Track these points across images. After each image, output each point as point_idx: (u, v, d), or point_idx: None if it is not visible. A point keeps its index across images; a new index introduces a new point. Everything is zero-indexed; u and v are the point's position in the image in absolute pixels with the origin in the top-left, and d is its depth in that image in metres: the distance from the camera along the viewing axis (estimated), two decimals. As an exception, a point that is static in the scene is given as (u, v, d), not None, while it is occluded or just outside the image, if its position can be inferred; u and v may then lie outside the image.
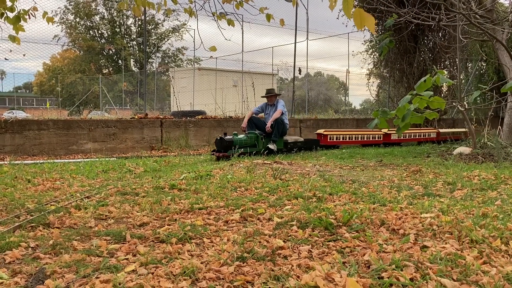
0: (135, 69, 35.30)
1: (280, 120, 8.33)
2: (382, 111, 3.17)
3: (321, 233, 2.76)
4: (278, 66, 23.63)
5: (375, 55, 15.41)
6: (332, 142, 9.97)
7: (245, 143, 7.72)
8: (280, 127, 8.32)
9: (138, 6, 3.68)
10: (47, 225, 2.97)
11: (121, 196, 4.00)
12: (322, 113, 17.72)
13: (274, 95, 8.76)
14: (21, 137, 7.85)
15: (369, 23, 1.78)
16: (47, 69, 38.27)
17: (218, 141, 7.45)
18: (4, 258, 2.30)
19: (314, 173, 5.47)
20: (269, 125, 8.23)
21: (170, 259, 2.30)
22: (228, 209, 3.46)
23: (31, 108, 32.88)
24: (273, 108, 8.68)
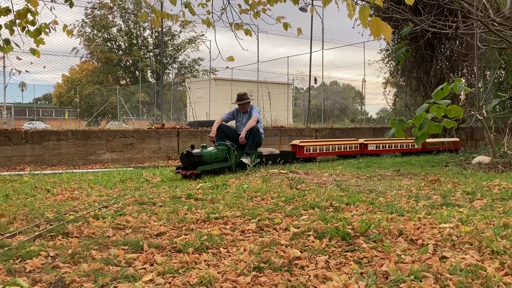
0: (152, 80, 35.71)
1: (256, 130, 7.31)
2: (399, 120, 3.14)
3: (338, 243, 2.73)
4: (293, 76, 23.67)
5: (391, 64, 15.33)
6: (309, 154, 9.08)
7: (216, 158, 6.58)
8: (255, 138, 7.28)
9: (157, 18, 3.74)
10: (66, 234, 3.00)
11: (139, 206, 4.04)
12: (338, 122, 17.66)
13: (248, 101, 7.65)
14: (40, 147, 7.99)
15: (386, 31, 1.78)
16: (66, 80, 38.99)
17: (185, 156, 6.12)
18: (24, 266, 2.33)
19: (330, 183, 5.44)
20: (243, 135, 7.14)
21: (187, 268, 2.30)
22: (245, 219, 3.46)
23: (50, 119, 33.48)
24: (246, 115, 7.60)
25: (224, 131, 7.37)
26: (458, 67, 13.54)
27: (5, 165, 7.57)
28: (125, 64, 37.73)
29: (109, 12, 33.96)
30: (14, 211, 3.66)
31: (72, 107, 34.73)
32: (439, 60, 13.44)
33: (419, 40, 11.58)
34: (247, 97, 7.63)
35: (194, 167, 6.05)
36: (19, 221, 3.37)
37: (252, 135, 7.21)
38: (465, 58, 12.57)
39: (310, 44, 13.57)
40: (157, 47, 35.49)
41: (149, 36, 37.88)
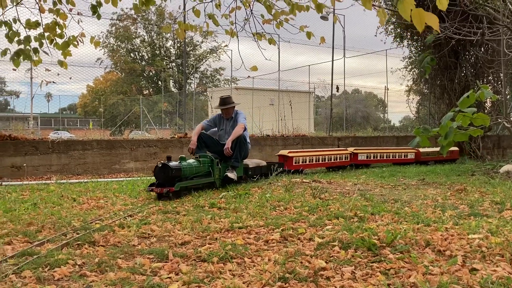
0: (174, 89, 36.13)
1: (243, 139, 6.30)
2: (424, 129, 3.10)
3: (364, 254, 2.70)
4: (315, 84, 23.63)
5: (415, 72, 15.15)
6: (298, 166, 8.24)
7: (197, 172, 5.57)
8: (242, 148, 6.27)
9: (181, 29, 3.80)
10: (93, 243, 3.05)
11: (163, 215, 4.07)
12: (360, 131, 17.51)
13: (232, 106, 6.60)
14: (66, 157, 8.15)
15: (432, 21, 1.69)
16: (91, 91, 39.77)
17: (160, 169, 5.07)
18: (53, 275, 2.37)
19: (354, 192, 5.38)
20: (229, 145, 6.09)
21: (212, 278, 2.31)
22: (268, 229, 3.45)
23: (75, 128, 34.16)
24: (230, 122, 6.57)
25: (204, 141, 6.33)
26: (483, 74, 13.29)
27: (32, 174, 7.74)
28: (148, 74, 38.29)
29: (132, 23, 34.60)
30: (42, 220, 3.74)
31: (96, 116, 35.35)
32: (464, 67, 13.21)
33: (443, 48, 11.42)
34: (231, 101, 6.62)
35: (171, 183, 5.02)
36: (47, 230, 3.43)
37: (239, 145, 6.20)
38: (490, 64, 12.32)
39: (332, 52, 13.55)
40: (179, 58, 35.93)
41: (171, 46, 38.42)
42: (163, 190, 4.96)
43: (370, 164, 9.68)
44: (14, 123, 11.44)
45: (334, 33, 13.24)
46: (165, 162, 5.11)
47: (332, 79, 13.84)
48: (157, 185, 5.09)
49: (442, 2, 1.74)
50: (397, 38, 13.67)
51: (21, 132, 8.91)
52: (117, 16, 33.35)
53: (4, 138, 7.70)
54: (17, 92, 36.30)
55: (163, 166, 5.07)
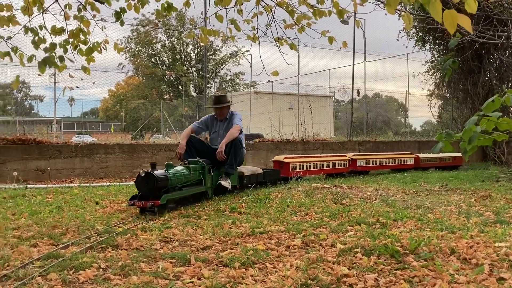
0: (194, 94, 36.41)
1: (239, 142, 5.64)
2: (446, 134, 3.05)
3: (387, 261, 2.67)
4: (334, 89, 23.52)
5: (437, 76, 14.95)
6: (295, 173, 7.60)
7: (186, 181, 4.87)
8: (238, 153, 5.62)
9: (204, 35, 3.84)
10: (116, 246, 3.08)
11: (184, 219, 4.09)
12: (381, 135, 17.34)
13: (227, 105, 5.94)
14: (89, 160, 8.28)
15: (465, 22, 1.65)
16: (112, 95, 40.37)
17: (142, 179, 4.34)
18: (78, 277, 2.41)
19: (376, 198, 5.33)
20: (223, 148, 5.40)
21: (234, 283, 2.31)
22: (289, 234, 3.44)
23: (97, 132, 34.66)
24: (224, 124, 5.91)
25: (194, 145, 5.68)
26: (508, 78, 13.02)
27: (56, 177, 7.89)
28: (168, 79, 38.69)
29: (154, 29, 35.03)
30: (66, 223, 3.80)
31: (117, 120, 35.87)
32: (488, 71, 12.97)
33: (466, 51, 11.24)
34: (226, 100, 5.95)
35: (156, 196, 4.29)
36: (71, 233, 3.49)
37: (234, 149, 5.53)
38: (515, 68, 12.08)
39: (353, 56, 13.46)
40: (199, 62, 36.21)
41: (191, 51, 38.76)
42: (146, 203, 4.22)
43: (368, 171, 9.22)
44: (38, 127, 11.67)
45: (355, 37, 13.14)
46: (148, 170, 4.34)
47: (353, 83, 13.75)
48: (140, 197, 4.34)
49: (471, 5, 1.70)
50: (419, 42, 13.53)
51: (46, 136, 9.08)
52: (138, 22, 33.81)
53: (29, 142, 7.87)
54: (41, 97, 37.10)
55: (146, 176, 4.30)
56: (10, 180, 7.08)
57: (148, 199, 4.27)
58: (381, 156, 9.60)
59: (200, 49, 36.70)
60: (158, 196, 4.30)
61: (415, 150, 12.09)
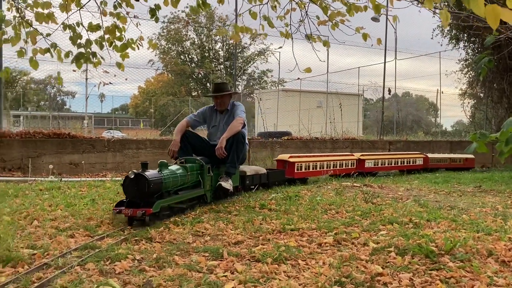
0: (222, 91, 36.60)
1: (242, 137, 4.93)
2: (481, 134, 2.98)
3: (422, 261, 2.63)
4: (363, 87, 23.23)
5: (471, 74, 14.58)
6: (301, 174, 6.96)
7: (182, 183, 4.18)
8: (240, 149, 4.93)
9: (237, 32, 3.85)
10: (149, 239, 3.14)
11: (215, 214, 4.13)
12: (411, 135, 17.05)
13: (228, 93, 5.24)
14: (121, 155, 8.44)
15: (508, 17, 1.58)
16: (142, 92, 40.98)
17: (131, 182, 3.66)
18: (114, 268, 2.46)
19: (407, 198, 5.25)
20: (223, 144, 4.73)
21: (267, 279, 2.32)
22: (321, 232, 3.42)
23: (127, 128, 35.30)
24: (225, 116, 5.21)
25: (189, 141, 5.04)
26: (547, 77, 12.60)
27: (89, 171, 8.07)
28: (197, 76, 39.02)
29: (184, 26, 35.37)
30: (101, 215, 3.89)
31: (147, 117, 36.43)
32: (525, 70, 12.57)
33: (503, 49, 10.90)
34: (227, 88, 5.28)
35: (148, 202, 3.60)
36: (105, 225, 3.57)
37: (236, 145, 4.83)
38: (555, 67, 11.67)
39: (384, 54, 13.27)
40: (227, 60, 36.38)
41: (220, 49, 38.96)
42: (136, 212, 3.48)
43: (376, 172, 8.65)
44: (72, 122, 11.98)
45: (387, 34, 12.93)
46: (139, 171, 3.68)
47: (384, 81, 13.55)
48: (128, 204, 3.64)
49: (513, 0, 1.64)
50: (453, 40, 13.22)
51: (79, 130, 9.30)
52: (168, 19, 34.20)
53: (63, 136, 8.08)
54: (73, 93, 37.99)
55: (136, 178, 3.62)
56: (45, 173, 7.29)
57: (138, 206, 3.56)
58: (390, 156, 9.14)
59: (228, 47, 36.86)
60: (150, 203, 3.58)
61: (447, 151, 11.83)
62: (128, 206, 3.61)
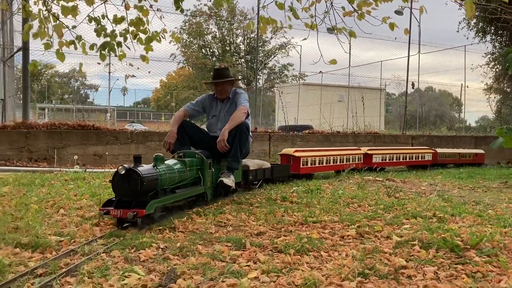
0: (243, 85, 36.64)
1: (245, 128, 4.54)
2: (508, 129, 2.92)
3: (447, 255, 2.59)
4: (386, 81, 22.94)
5: (497, 68, 14.24)
6: (307, 169, 6.61)
7: (180, 179, 3.71)
8: (244, 142, 4.54)
9: (264, 24, 3.85)
10: (173, 228, 3.17)
11: (236, 205, 4.15)
12: (434, 130, 16.78)
13: (230, 80, 4.82)
14: (144, 147, 8.55)
15: None
16: (164, 86, 41.37)
17: (121, 179, 3.21)
18: (139, 256, 2.50)
19: (431, 193, 5.17)
20: (225, 136, 4.33)
21: (290, 269, 2.32)
22: (343, 224, 3.41)
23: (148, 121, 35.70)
24: (226, 104, 4.82)
25: (187, 132, 4.64)
26: None
27: (112, 162, 8.20)
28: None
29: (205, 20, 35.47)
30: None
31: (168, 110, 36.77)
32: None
33: (532, 42, 10.64)
34: (229, 74, 4.83)
35: (141, 202, 3.14)
36: (130, 214, 3.61)
37: (239, 137, 4.42)
38: None
39: (408, 47, 13.07)
40: (248, 54, 36.37)
41: (241, 43, 38.97)
42: (126, 213, 3.03)
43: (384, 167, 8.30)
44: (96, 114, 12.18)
45: (411, 26, 12.71)
46: (130, 166, 3.23)
47: (408, 75, 13.34)
48: (116, 204, 3.18)
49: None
50: (479, 33, 12.92)
51: (103, 122, 9.45)
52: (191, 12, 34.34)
53: (88, 127, 8.22)
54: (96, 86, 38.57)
55: (127, 174, 3.17)
56: (70, 164, 7.44)
57: (128, 207, 3.10)
58: (398, 150, 8.79)
59: (249, 41, 36.83)
60: (143, 203, 3.12)
61: (472, 146, 11.61)
62: (118, 206, 3.15)
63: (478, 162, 10.18)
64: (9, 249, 2.52)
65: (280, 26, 4.10)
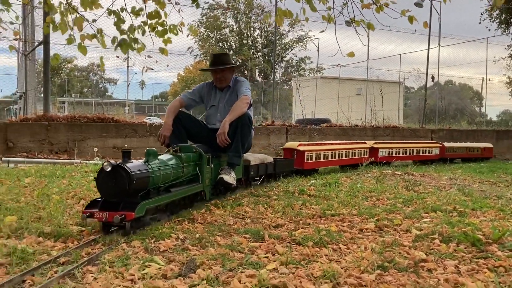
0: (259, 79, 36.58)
1: (248, 119, 4.12)
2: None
3: (468, 249, 2.56)
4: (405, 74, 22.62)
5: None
6: (311, 164, 6.22)
7: (176, 177, 3.32)
8: (246, 136, 4.14)
9: (280, 16, 3.83)
10: (192, 220, 3.20)
11: (254, 198, 4.16)
12: (454, 124, 16.53)
13: (231, 67, 4.38)
14: (161, 140, 8.62)
15: None
16: (181, 79, 41.56)
17: (108, 176, 2.78)
18: (159, 246, 2.53)
19: (451, 187, 5.11)
20: (226, 128, 3.91)
21: (308, 261, 2.32)
22: (362, 218, 3.39)
23: (166, 115, 35.80)
24: (226, 94, 4.39)
25: (184, 125, 4.23)
26: None
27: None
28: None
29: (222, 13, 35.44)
30: (144, 196, 3.98)
31: (186, 104, 36.95)
32: None
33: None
34: (229, 60, 4.40)
35: (129, 203, 2.74)
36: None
37: (241, 130, 4.04)
38: None
39: (428, 40, 12.87)
40: (265, 47, 36.25)
41: (258, 36, 38.86)
42: (112, 216, 2.62)
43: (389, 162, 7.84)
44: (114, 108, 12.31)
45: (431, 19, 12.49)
46: (118, 162, 2.81)
47: (427, 68, 13.14)
48: (101, 205, 2.76)
49: None
50: (502, 25, 12.64)
51: (122, 116, 9.55)
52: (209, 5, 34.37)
53: (107, 120, 8.32)
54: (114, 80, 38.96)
55: (114, 170, 2.75)
56: (90, 156, 7.54)
57: (115, 210, 2.69)
58: (406, 144, 8.43)
59: (267, 34, 36.71)
60: (132, 204, 2.72)
61: (493, 140, 11.41)
62: (103, 208, 2.74)
63: (486, 156, 9.91)
64: (33, 238, 2.58)
65: (296, 18, 4.06)
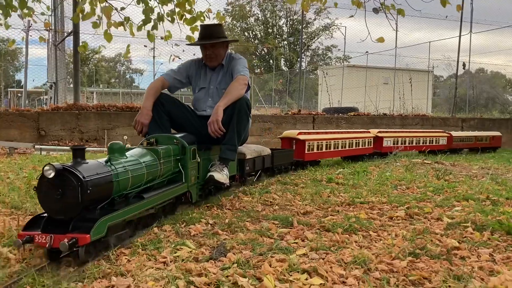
0: (285, 68, 36.39)
1: (246, 104, 3.42)
2: None
3: (503, 238, 2.50)
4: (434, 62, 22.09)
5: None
6: (312, 155, 5.70)
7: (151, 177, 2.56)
8: (243, 124, 3.44)
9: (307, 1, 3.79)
10: (220, 206, 3.23)
11: (282, 185, 4.16)
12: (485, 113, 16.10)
13: (224, 41, 3.63)
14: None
15: None
16: (207, 69, 41.63)
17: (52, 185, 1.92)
18: (189, 231, 2.56)
19: (483, 176, 4.99)
20: (219, 116, 3.22)
21: (338, 247, 2.31)
22: (392, 206, 3.35)
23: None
24: (219, 74, 3.70)
25: (166, 110, 3.51)
26: None
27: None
28: (260, 53, 39.00)
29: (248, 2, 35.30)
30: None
31: (211, 93, 37.08)
32: None
33: None
34: (221, 33, 3.65)
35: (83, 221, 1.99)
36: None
37: (237, 117, 3.37)
38: None
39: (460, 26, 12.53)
40: (291, 36, 35.99)
41: (284, 25, 38.59)
42: (59, 240, 1.87)
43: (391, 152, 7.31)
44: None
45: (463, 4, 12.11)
46: (64, 165, 1.98)
47: (458, 56, 12.81)
48: (45, 227, 1.98)
49: None
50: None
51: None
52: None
53: (136, 109, 8.43)
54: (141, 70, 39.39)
55: (60, 177, 1.95)
56: (119, 144, 7.67)
57: (62, 232, 1.94)
58: (411, 134, 7.97)
59: (292, 23, 36.42)
60: (87, 222, 1.98)
61: (526, 129, 11.08)
62: (47, 228, 1.98)
63: (494, 145, 9.57)
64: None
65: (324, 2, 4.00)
